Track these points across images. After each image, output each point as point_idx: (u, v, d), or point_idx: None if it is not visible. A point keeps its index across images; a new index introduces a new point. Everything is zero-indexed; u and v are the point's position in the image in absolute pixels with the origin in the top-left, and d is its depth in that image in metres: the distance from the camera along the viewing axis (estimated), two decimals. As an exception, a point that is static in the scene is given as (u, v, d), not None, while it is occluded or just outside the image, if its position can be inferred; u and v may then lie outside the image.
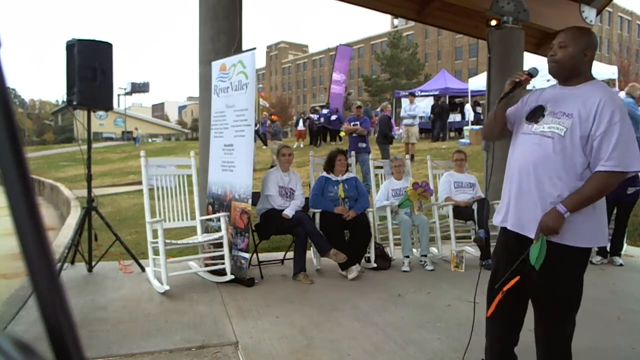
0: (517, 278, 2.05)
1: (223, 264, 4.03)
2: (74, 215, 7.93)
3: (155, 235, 3.91)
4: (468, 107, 17.49)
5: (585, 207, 1.95)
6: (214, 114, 4.46)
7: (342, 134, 18.01)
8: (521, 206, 2.09)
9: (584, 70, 2.05)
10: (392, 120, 10.10)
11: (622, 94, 6.15)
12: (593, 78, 2.06)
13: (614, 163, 1.87)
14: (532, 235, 2.03)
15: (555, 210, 1.94)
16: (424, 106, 16.32)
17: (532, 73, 2.09)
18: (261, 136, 16.86)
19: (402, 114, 12.90)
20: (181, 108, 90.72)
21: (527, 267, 2.01)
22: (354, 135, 8.73)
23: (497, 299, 2.10)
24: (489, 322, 2.31)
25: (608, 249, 4.85)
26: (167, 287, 3.69)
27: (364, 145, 8.55)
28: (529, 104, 2.19)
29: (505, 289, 2.07)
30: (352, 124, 8.90)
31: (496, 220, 2.28)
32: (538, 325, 2.12)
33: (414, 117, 12.38)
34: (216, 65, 4.40)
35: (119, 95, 45.04)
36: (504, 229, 2.22)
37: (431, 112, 16.31)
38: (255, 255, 4.43)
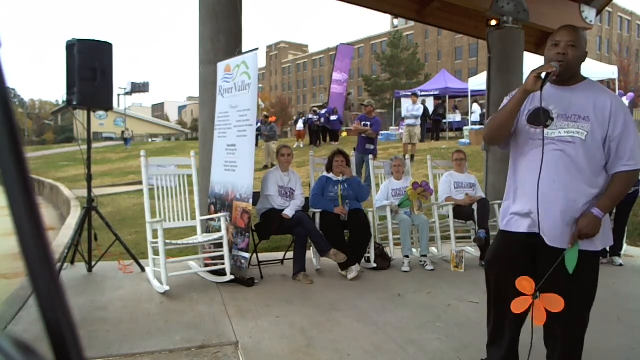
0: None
1: (223, 264, 4.03)
2: (74, 215, 7.93)
3: (155, 235, 3.91)
4: (476, 107, 17.03)
5: (614, 207, 2.01)
6: (218, 115, 4.46)
7: (344, 134, 17.94)
8: (542, 214, 2.00)
9: (580, 69, 2.09)
10: None
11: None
12: (583, 77, 2.10)
13: (635, 162, 1.96)
14: (544, 239, 2.03)
15: (592, 215, 1.94)
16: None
17: (556, 67, 1.97)
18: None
19: (405, 114, 12.82)
20: (181, 108, 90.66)
21: (562, 273, 1.96)
22: (363, 136, 8.28)
23: (532, 305, 1.98)
24: (496, 321, 2.30)
25: (608, 248, 4.85)
26: (167, 287, 3.69)
27: (372, 147, 8.17)
28: (526, 106, 2.11)
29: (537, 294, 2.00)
30: (362, 123, 8.31)
31: (504, 224, 2.20)
32: (556, 323, 2.08)
33: (416, 117, 12.33)
34: (221, 66, 4.41)
35: (119, 95, 44.86)
36: (505, 233, 2.18)
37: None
38: (255, 255, 4.43)
